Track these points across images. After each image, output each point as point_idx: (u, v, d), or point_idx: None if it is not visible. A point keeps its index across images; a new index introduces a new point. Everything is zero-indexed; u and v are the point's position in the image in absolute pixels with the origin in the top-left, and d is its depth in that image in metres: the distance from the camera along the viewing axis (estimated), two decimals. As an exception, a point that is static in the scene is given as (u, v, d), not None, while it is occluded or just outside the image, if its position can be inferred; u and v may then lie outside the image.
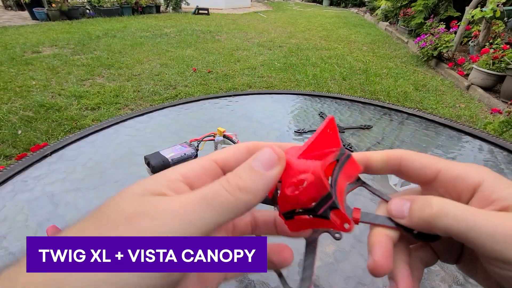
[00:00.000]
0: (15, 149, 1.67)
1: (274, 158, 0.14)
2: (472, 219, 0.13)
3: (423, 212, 0.15)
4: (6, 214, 0.42)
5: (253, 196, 0.14)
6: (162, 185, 0.14)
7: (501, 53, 2.72)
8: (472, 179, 0.15)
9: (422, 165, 0.17)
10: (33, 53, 3.36)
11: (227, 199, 0.13)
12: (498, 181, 0.15)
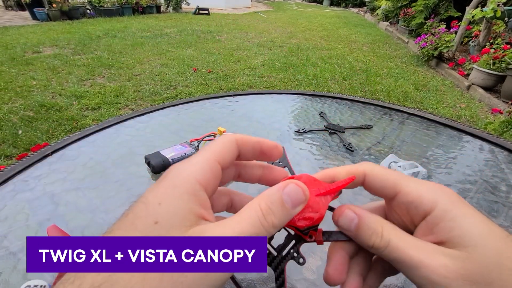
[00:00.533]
0: (16, 149, 1.67)
1: (302, 198, 0.17)
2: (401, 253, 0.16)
3: (368, 238, 0.17)
4: (6, 213, 0.42)
5: (272, 229, 0.16)
6: (195, 204, 0.15)
7: (502, 53, 2.71)
8: (424, 206, 0.16)
9: (382, 184, 0.18)
10: (33, 53, 3.37)
11: (262, 234, 0.15)
12: (449, 210, 0.16)
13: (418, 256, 0.15)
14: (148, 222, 0.14)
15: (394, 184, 0.17)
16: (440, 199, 0.16)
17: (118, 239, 0.13)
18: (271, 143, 0.19)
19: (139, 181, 0.50)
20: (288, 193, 0.16)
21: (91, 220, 0.42)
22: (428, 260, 0.15)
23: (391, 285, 0.34)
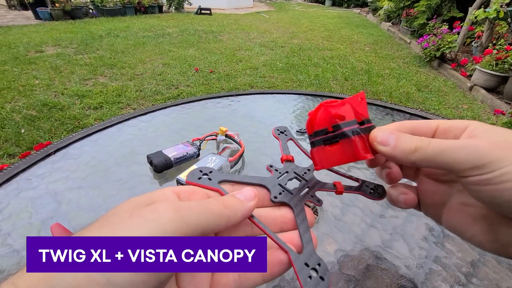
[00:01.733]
0: (19, 148, 1.68)
1: (252, 194, 0.18)
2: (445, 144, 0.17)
3: (409, 144, 0.18)
4: (10, 211, 0.43)
5: (233, 214, 0.16)
6: (158, 196, 0.16)
7: (505, 54, 2.70)
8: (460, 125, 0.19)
9: (426, 123, 0.20)
10: (36, 52, 3.38)
11: (214, 209, 0.16)
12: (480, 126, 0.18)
13: (461, 142, 0.16)
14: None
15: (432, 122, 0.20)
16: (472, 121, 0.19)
17: (118, 239, 0.13)
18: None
19: (141, 180, 0.50)
20: (239, 192, 0.18)
21: (94, 219, 0.42)
22: (470, 141, 0.16)
23: (392, 285, 0.34)
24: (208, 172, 0.20)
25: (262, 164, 0.54)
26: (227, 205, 0.16)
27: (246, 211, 0.17)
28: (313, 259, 0.17)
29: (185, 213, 0.15)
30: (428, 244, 0.40)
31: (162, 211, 0.14)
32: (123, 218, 0.14)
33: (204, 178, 0.19)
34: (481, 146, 0.16)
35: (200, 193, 0.18)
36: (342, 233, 0.41)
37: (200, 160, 0.50)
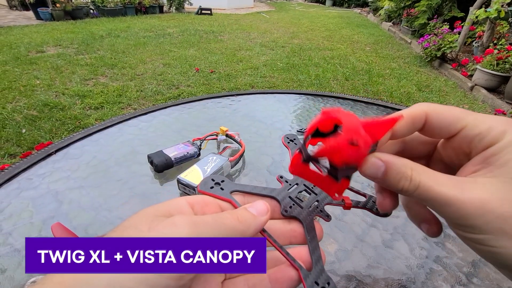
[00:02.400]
0: (20, 148, 1.68)
1: (265, 209, 0.18)
2: (433, 192, 0.15)
3: (396, 182, 0.16)
4: (11, 211, 0.43)
5: (246, 228, 0.17)
6: (173, 209, 0.17)
7: (506, 54, 2.70)
8: (490, 137, 0.16)
9: (448, 120, 0.17)
10: (37, 52, 3.39)
11: (229, 223, 0.16)
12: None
13: (449, 192, 0.15)
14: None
15: (459, 118, 0.17)
16: (510, 130, 0.15)
17: (117, 241, 0.13)
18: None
19: (142, 179, 0.50)
20: (252, 205, 0.18)
21: (94, 218, 0.42)
22: (461, 195, 0.14)
23: (393, 285, 0.34)
24: (221, 181, 0.20)
25: (262, 164, 0.54)
26: (241, 220, 0.17)
27: (259, 226, 0.17)
28: (323, 278, 0.17)
29: (201, 229, 0.15)
30: (429, 244, 0.40)
31: (179, 226, 0.15)
32: (141, 231, 0.14)
33: (216, 187, 0.19)
34: (468, 205, 0.14)
35: (213, 204, 0.19)
36: (343, 232, 0.41)
37: (201, 160, 0.50)
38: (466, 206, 0.14)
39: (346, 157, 0.16)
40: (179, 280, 0.14)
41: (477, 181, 0.15)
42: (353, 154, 0.16)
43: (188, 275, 0.14)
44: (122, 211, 0.43)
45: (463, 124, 0.16)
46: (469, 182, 0.15)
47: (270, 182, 0.51)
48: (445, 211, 0.15)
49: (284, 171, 0.53)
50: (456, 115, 0.17)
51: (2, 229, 0.40)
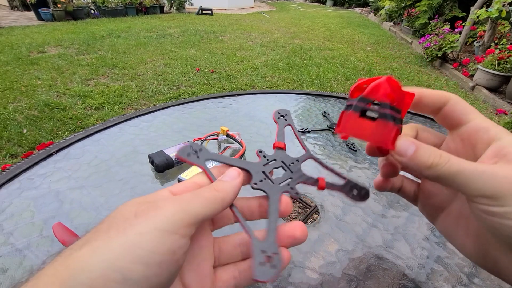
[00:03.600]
0: (21, 148, 1.69)
1: (235, 173, 0.19)
2: (462, 166, 0.16)
3: (426, 158, 0.17)
4: (13, 211, 0.43)
5: (225, 194, 0.18)
6: (155, 197, 0.17)
7: (507, 54, 2.69)
8: (491, 132, 0.18)
9: (463, 111, 0.19)
10: (38, 53, 3.40)
11: (208, 195, 0.17)
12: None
13: (477, 167, 0.16)
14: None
15: (471, 111, 0.19)
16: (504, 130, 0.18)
17: None
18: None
19: (143, 179, 0.50)
20: (225, 174, 0.19)
21: (95, 218, 0.42)
22: (488, 168, 0.16)
23: (393, 285, 0.34)
24: (198, 150, 0.20)
25: (263, 164, 0.54)
26: (218, 189, 0.18)
27: (236, 189, 0.19)
28: (271, 248, 0.17)
29: (185, 204, 0.16)
30: (429, 244, 0.40)
31: (164, 207, 0.15)
32: (129, 218, 0.15)
33: (193, 155, 0.20)
34: (499, 178, 0.15)
35: (193, 188, 0.19)
36: (344, 233, 0.41)
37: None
38: (498, 176, 0.15)
39: (392, 92, 0.17)
40: (172, 255, 0.15)
41: (503, 165, 0.16)
42: (396, 93, 0.18)
43: (180, 249, 0.15)
44: (123, 211, 0.43)
45: (473, 116, 0.19)
46: (496, 165, 0.16)
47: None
48: (473, 182, 0.16)
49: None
50: (471, 109, 0.20)
51: (4, 229, 0.40)
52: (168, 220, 0.15)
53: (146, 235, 0.14)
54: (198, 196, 0.17)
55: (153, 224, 0.15)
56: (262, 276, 0.16)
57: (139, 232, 0.14)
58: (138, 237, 0.14)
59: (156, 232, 0.14)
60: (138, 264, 0.13)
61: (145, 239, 0.14)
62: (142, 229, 0.14)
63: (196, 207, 0.16)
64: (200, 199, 0.17)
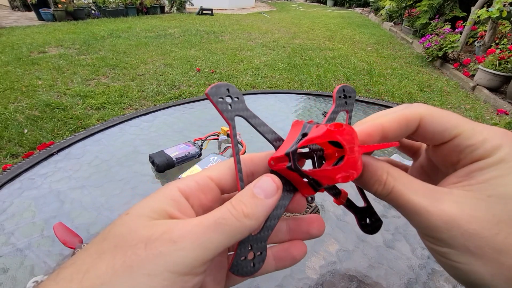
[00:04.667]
0: (21, 148, 1.69)
1: (274, 188, 0.15)
2: (405, 199, 0.15)
3: (371, 185, 0.16)
4: (14, 211, 0.43)
5: (255, 222, 0.15)
6: (168, 205, 0.15)
7: (508, 54, 2.69)
8: (482, 150, 0.15)
9: (443, 127, 0.16)
10: (39, 53, 3.40)
11: (235, 224, 0.14)
12: (508, 160, 0.14)
13: (420, 201, 0.14)
14: (122, 215, 0.15)
15: (455, 125, 0.16)
16: (504, 146, 0.14)
17: None
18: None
19: (143, 179, 0.50)
20: (259, 186, 0.15)
21: (96, 218, 0.42)
22: (430, 206, 0.14)
23: (394, 285, 0.34)
24: (234, 97, 0.17)
25: (263, 164, 0.54)
26: (247, 213, 0.14)
27: (269, 211, 0.15)
28: (259, 246, 0.16)
29: (204, 239, 0.13)
30: (430, 244, 0.40)
31: (180, 242, 0.13)
32: (139, 248, 0.13)
33: (225, 102, 0.16)
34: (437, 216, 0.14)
35: (209, 190, 0.17)
36: (344, 233, 0.41)
37: (202, 160, 0.50)
38: (434, 218, 0.14)
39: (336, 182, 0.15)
40: (186, 283, 0.13)
41: (452, 192, 0.15)
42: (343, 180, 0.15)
43: (193, 287, 0.14)
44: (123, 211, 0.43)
45: (458, 131, 0.15)
46: (443, 193, 0.15)
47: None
48: (414, 220, 0.15)
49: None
50: (452, 121, 0.16)
51: (5, 229, 0.40)
52: (183, 261, 0.13)
53: (156, 277, 0.12)
54: (221, 225, 0.14)
55: (165, 264, 0.13)
56: (237, 270, 0.15)
57: (147, 274, 0.12)
58: (147, 280, 0.12)
59: (168, 275, 0.13)
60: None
61: (155, 282, 0.12)
62: (152, 270, 0.13)
63: (218, 241, 0.14)
64: (224, 229, 0.14)
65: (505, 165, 0.14)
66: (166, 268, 0.13)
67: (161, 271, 0.13)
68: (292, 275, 0.35)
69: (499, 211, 0.13)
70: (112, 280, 0.12)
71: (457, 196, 0.14)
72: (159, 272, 0.12)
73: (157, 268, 0.13)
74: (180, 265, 0.13)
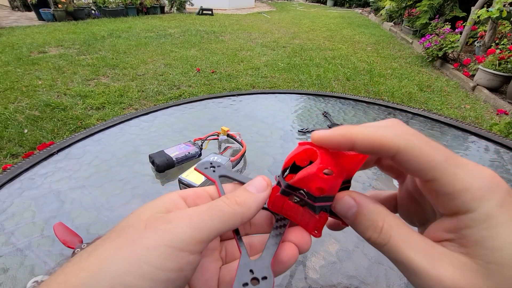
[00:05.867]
0: (22, 148, 1.69)
1: (264, 184, 0.18)
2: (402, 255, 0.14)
3: (365, 230, 0.16)
4: (14, 211, 0.43)
5: (247, 210, 0.16)
6: (169, 204, 0.17)
7: (508, 54, 2.69)
8: (464, 204, 0.13)
9: (421, 166, 0.14)
10: (39, 53, 3.40)
11: (227, 209, 0.16)
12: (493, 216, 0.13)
13: (420, 261, 0.14)
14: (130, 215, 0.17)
15: (433, 168, 0.13)
16: (488, 198, 0.13)
17: None
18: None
19: (143, 179, 0.50)
20: (251, 183, 0.18)
21: (96, 218, 0.42)
22: (431, 269, 0.13)
23: (394, 285, 0.34)
24: (217, 166, 0.21)
25: (264, 164, 0.54)
26: (239, 202, 0.16)
27: (260, 204, 0.17)
28: (261, 271, 0.15)
29: (199, 220, 0.15)
30: (430, 244, 0.39)
31: (175, 221, 0.15)
32: (139, 229, 0.15)
33: (210, 169, 0.21)
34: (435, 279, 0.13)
35: (204, 197, 0.19)
36: (344, 232, 0.41)
37: (202, 160, 0.50)
38: (435, 283, 0.13)
39: (322, 184, 0.15)
40: (179, 272, 0.14)
41: (452, 255, 0.14)
42: (328, 183, 0.15)
43: (189, 265, 0.15)
44: (123, 211, 0.43)
45: (435, 175, 0.14)
46: (443, 254, 0.14)
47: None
48: (411, 278, 0.14)
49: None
50: (432, 163, 0.13)
51: (5, 229, 0.40)
52: (178, 237, 0.14)
53: (154, 250, 0.14)
54: (214, 210, 0.16)
55: (162, 239, 0.14)
56: None
57: (147, 247, 0.14)
58: (146, 252, 0.14)
59: (165, 249, 0.14)
60: (145, 280, 0.13)
61: (153, 255, 0.14)
62: (151, 243, 0.14)
63: (211, 224, 0.15)
64: (217, 214, 0.15)
65: (493, 222, 0.13)
66: (163, 242, 0.14)
67: (159, 245, 0.14)
68: (292, 275, 0.35)
69: (499, 279, 0.13)
70: (116, 254, 0.13)
71: (457, 260, 0.14)
72: (157, 246, 0.14)
73: (155, 242, 0.14)
74: (176, 241, 0.14)
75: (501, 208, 0.13)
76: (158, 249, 0.14)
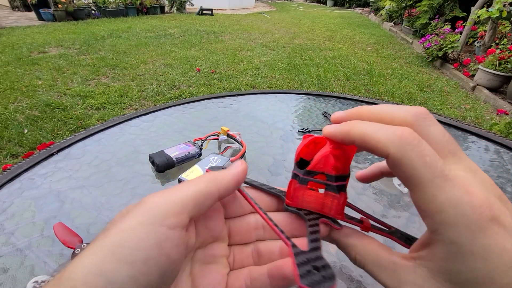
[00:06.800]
0: (22, 148, 1.69)
1: (238, 162, 0.19)
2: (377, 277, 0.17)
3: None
4: (14, 211, 0.43)
5: (221, 179, 0.17)
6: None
7: (508, 54, 2.69)
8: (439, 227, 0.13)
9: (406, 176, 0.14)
10: (39, 53, 3.40)
11: (200, 181, 0.17)
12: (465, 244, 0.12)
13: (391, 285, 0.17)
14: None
15: (418, 183, 0.13)
16: (458, 225, 0.12)
17: None
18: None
19: (143, 179, 0.50)
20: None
21: (96, 218, 0.42)
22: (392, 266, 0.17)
23: (395, 285, 0.34)
24: None
25: (264, 164, 0.54)
26: (215, 175, 0.17)
27: (235, 176, 0.17)
28: (319, 261, 0.14)
29: (169, 194, 0.15)
30: (430, 244, 0.39)
31: (148, 201, 0.15)
32: (116, 219, 0.15)
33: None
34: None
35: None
36: (344, 233, 0.41)
37: (202, 160, 0.50)
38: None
39: (337, 163, 0.17)
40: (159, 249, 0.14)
41: (416, 271, 0.16)
42: (342, 161, 0.17)
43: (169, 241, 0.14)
44: (123, 211, 0.43)
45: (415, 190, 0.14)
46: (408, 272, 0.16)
47: (271, 182, 0.50)
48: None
49: (286, 171, 0.53)
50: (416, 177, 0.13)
51: (5, 229, 0.40)
52: (151, 213, 0.14)
53: (128, 231, 0.13)
54: (185, 184, 0.16)
55: (136, 219, 0.14)
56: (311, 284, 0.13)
57: (121, 230, 0.13)
58: (120, 235, 0.13)
59: (139, 227, 0.13)
60: (122, 264, 0.12)
61: (128, 236, 0.13)
62: (124, 226, 0.14)
63: (182, 195, 0.15)
64: (187, 186, 0.16)
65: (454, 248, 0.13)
66: (137, 222, 0.14)
67: (133, 225, 0.14)
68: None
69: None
70: (92, 247, 0.13)
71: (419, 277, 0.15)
72: (131, 227, 0.14)
73: (130, 224, 0.14)
74: (151, 217, 0.14)
75: (481, 231, 0.12)
76: (132, 229, 0.13)
